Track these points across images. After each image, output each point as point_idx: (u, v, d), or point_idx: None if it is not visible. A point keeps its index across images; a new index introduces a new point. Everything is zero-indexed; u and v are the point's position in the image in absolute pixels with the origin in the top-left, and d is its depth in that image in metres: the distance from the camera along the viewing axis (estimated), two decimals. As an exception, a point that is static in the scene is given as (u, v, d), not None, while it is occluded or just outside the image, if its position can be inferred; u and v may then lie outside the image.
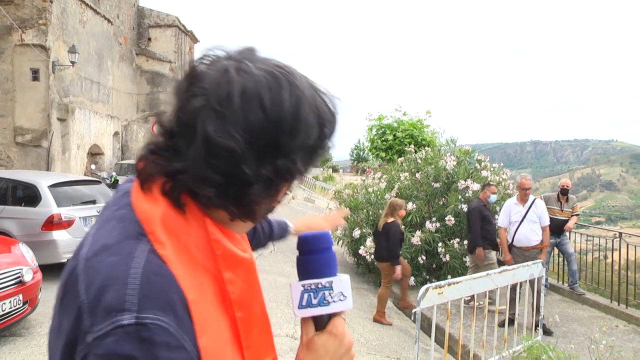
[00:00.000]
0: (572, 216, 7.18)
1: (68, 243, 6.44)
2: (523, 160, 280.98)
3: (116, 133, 20.23)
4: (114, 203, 0.74)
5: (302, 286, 0.76)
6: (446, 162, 7.91)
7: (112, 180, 15.60)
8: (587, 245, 8.28)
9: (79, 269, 0.66)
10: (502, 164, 8.63)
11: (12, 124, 13.87)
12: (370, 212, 8.49)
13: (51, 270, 5.86)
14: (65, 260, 6.33)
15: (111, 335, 0.58)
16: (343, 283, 0.76)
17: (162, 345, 0.59)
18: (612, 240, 7.47)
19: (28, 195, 6.92)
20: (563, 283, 7.78)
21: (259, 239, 1.45)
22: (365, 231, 8.02)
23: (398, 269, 6.00)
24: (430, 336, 4.41)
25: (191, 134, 0.66)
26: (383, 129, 21.71)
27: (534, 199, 6.11)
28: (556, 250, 7.42)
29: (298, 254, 0.79)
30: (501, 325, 5.12)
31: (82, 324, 0.61)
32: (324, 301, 0.75)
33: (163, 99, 23.41)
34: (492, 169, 8.20)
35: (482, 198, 6.57)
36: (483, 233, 6.33)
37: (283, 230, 1.56)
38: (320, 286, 0.76)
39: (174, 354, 0.60)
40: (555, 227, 6.63)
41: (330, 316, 0.77)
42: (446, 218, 7.33)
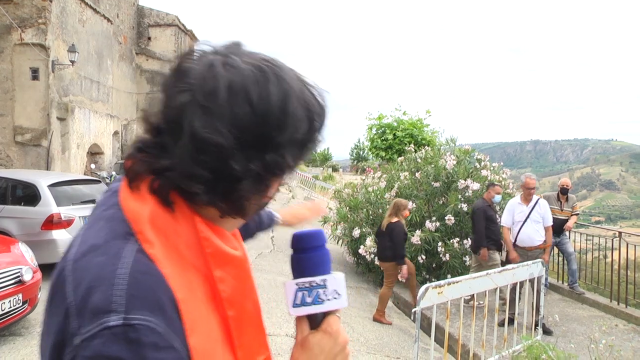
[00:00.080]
0: (572, 216, 7.19)
1: (68, 242, 6.40)
2: (523, 159, 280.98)
3: (116, 132, 20.21)
4: (103, 203, 0.74)
5: (296, 284, 0.75)
6: (446, 162, 7.90)
7: (112, 179, 15.60)
8: (587, 244, 8.28)
9: (67, 270, 0.66)
10: (502, 164, 8.62)
11: (12, 123, 13.86)
12: (370, 212, 8.48)
13: (51, 269, 5.79)
14: (65, 259, 6.32)
15: (98, 337, 0.58)
16: (337, 281, 0.76)
17: (150, 345, 0.59)
18: (612, 239, 7.47)
19: (28, 194, 6.91)
20: (563, 282, 7.79)
21: (250, 230, 1.44)
22: (365, 230, 8.01)
23: (404, 269, 6.02)
24: (430, 336, 4.41)
25: (178, 131, 0.65)
26: (383, 128, 21.68)
27: (538, 199, 6.09)
28: (556, 249, 7.43)
29: (292, 252, 0.78)
30: (501, 324, 5.12)
31: (70, 326, 0.61)
32: (318, 299, 0.74)
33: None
34: (492, 169, 8.19)
35: (487, 198, 6.54)
36: (487, 233, 6.29)
37: (270, 220, 1.55)
38: (314, 284, 0.75)
39: (163, 354, 0.60)
40: (555, 227, 6.62)
41: (324, 314, 0.76)
42: (446, 217, 7.32)
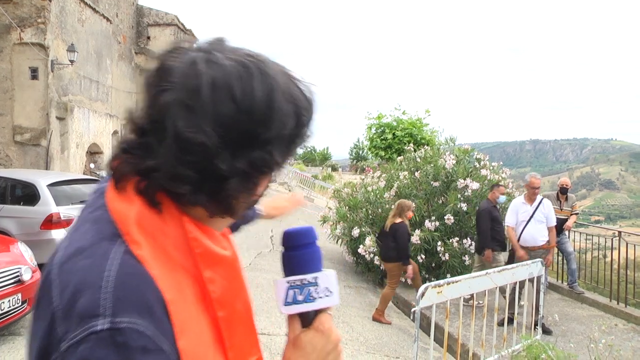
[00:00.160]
0: (572, 215, 7.19)
1: None
2: (522, 159, 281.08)
3: (115, 132, 20.18)
4: (90, 204, 0.73)
5: (287, 282, 0.74)
6: (445, 161, 7.90)
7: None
8: (587, 244, 8.28)
9: (53, 274, 0.65)
10: (502, 163, 8.60)
11: (11, 123, 13.84)
12: (369, 211, 8.48)
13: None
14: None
15: (85, 342, 0.57)
16: (328, 278, 0.75)
17: (139, 349, 0.58)
18: (612, 239, 7.48)
19: (27, 194, 6.90)
20: (562, 282, 7.80)
21: (235, 224, 1.41)
22: (364, 230, 8.01)
23: (410, 269, 6.04)
24: (429, 335, 4.41)
25: (162, 131, 0.64)
26: (382, 128, 21.68)
27: (542, 199, 6.07)
28: (555, 249, 7.43)
29: (282, 250, 0.77)
30: (500, 324, 5.12)
31: (56, 331, 0.59)
32: (310, 297, 0.74)
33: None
34: (492, 168, 8.18)
35: (491, 199, 6.52)
36: (492, 234, 6.27)
37: (253, 213, 1.54)
38: (305, 282, 0.74)
39: (152, 358, 0.59)
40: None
41: (316, 312, 0.75)
42: (445, 217, 7.32)
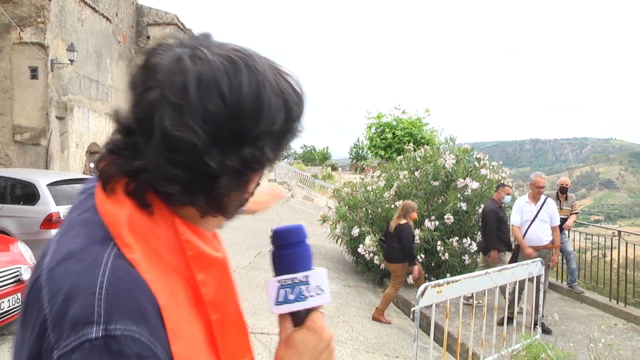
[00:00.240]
0: (571, 214, 7.19)
1: None
2: (522, 158, 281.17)
3: (115, 131, 20.18)
4: (78, 206, 0.70)
5: (278, 282, 0.74)
6: (445, 161, 7.90)
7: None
8: (586, 243, 8.28)
9: (42, 280, 0.62)
10: (501, 162, 8.60)
11: (11, 123, 13.83)
12: (369, 211, 8.48)
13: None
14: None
15: (78, 350, 0.55)
16: (320, 277, 0.74)
17: (134, 356, 0.57)
18: (611, 238, 7.48)
19: (27, 193, 6.90)
20: (562, 281, 7.80)
21: None
22: (364, 229, 8.01)
23: (416, 269, 6.07)
24: (429, 335, 4.41)
25: (149, 130, 0.63)
26: (382, 127, 21.67)
27: (546, 198, 6.05)
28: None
29: (272, 249, 0.76)
30: (500, 323, 5.12)
31: (47, 340, 0.58)
32: (301, 296, 0.73)
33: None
34: (491, 167, 8.18)
35: (497, 199, 6.51)
36: (498, 235, 6.26)
37: None
38: (296, 281, 0.73)
39: None
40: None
41: (308, 311, 0.74)
42: (445, 216, 7.32)
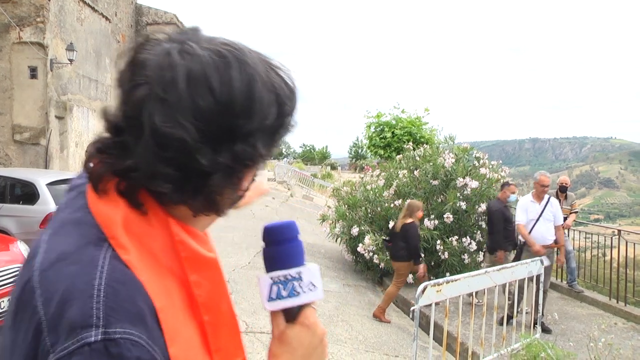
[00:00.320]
0: (571, 214, 7.19)
1: None
2: (522, 157, 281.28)
3: (114, 131, 20.17)
4: (68, 205, 0.69)
5: (271, 278, 0.73)
6: (444, 160, 7.90)
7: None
8: (586, 242, 8.29)
9: (35, 281, 0.61)
10: (501, 162, 8.60)
11: (11, 122, 13.82)
12: (368, 210, 8.48)
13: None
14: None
15: (77, 354, 0.54)
16: (312, 272, 0.74)
17: (133, 359, 0.56)
18: (611, 237, 7.48)
19: (26, 193, 6.91)
20: (562, 281, 7.80)
21: None
22: (363, 229, 8.01)
23: (421, 267, 6.09)
24: (428, 334, 4.42)
25: (138, 127, 0.61)
26: (381, 127, 21.63)
27: (549, 197, 6.03)
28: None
29: (264, 246, 0.76)
30: (501, 323, 5.12)
31: (42, 343, 0.56)
32: (294, 292, 0.73)
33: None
34: (491, 167, 8.17)
35: (502, 198, 6.51)
36: (505, 234, 6.25)
37: None
38: (289, 277, 0.73)
39: None
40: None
41: (300, 307, 0.74)
42: (444, 215, 7.32)
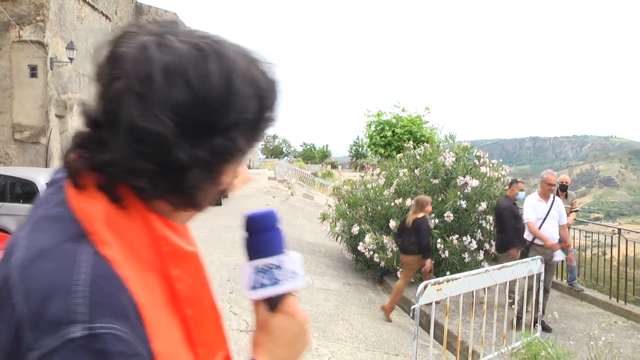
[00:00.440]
0: (571, 212, 7.19)
1: None
2: (522, 156, 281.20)
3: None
4: (46, 200, 0.68)
5: (252, 267, 0.74)
6: (445, 158, 7.90)
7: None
8: (586, 241, 8.27)
9: (14, 279, 0.59)
10: (501, 160, 8.60)
11: (10, 121, 13.82)
12: (368, 209, 8.48)
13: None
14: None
15: (61, 351, 0.54)
16: (293, 261, 0.75)
17: (118, 355, 0.56)
18: (611, 236, 7.48)
19: (26, 191, 6.92)
20: (562, 279, 7.80)
21: None
22: (364, 227, 8.01)
23: (428, 262, 6.13)
24: (429, 333, 4.42)
25: (115, 122, 0.61)
26: (382, 125, 21.63)
27: (554, 197, 6.02)
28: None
29: (245, 235, 0.76)
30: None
31: (24, 341, 0.55)
32: (275, 280, 0.73)
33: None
34: (491, 165, 8.17)
35: (510, 196, 6.49)
36: (515, 232, 6.22)
37: None
38: (270, 265, 0.73)
39: None
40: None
41: (282, 295, 0.75)
42: (445, 214, 7.32)
